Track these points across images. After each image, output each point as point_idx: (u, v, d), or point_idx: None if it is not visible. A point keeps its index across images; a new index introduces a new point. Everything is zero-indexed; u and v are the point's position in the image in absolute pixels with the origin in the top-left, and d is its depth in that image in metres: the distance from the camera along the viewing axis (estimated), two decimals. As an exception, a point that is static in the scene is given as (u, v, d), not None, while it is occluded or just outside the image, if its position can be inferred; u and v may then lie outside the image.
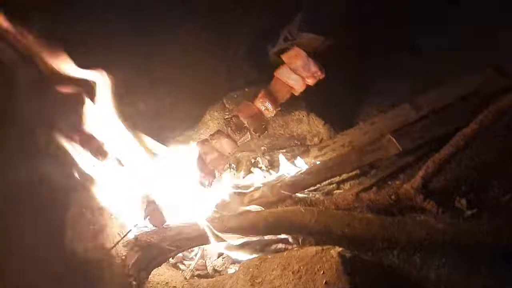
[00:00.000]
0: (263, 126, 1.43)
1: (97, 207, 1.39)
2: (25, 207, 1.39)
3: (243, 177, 1.54)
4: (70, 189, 1.45)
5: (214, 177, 1.37)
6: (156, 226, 1.33)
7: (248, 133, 1.41)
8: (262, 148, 1.63)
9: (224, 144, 1.39)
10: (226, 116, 1.54)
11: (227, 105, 1.65)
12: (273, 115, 1.43)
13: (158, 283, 1.28)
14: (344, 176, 1.48)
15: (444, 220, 1.19)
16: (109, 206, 1.35)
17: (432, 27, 1.79)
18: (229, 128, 1.41)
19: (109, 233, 1.35)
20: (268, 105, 1.42)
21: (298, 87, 1.44)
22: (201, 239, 1.26)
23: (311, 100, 1.61)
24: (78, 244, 1.31)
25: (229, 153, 1.40)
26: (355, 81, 1.74)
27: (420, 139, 1.46)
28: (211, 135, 1.42)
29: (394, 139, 1.44)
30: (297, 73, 1.42)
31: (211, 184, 1.36)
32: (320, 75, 1.42)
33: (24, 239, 1.31)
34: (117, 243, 1.35)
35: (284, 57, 1.44)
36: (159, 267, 1.31)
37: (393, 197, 1.29)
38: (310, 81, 1.43)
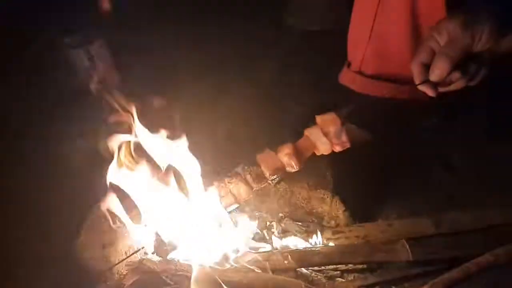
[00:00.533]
0: (281, 179, 1.45)
1: (115, 220, 1.47)
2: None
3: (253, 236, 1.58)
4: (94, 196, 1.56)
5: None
6: (160, 256, 1.38)
7: (265, 182, 1.44)
8: (280, 214, 1.68)
9: (241, 189, 1.42)
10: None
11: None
12: (294, 171, 1.45)
13: (145, 312, 1.30)
14: (350, 266, 1.49)
15: None
16: (126, 223, 1.41)
17: (471, 151, 1.87)
18: (249, 175, 1.43)
19: (117, 249, 1.41)
20: (293, 162, 1.42)
21: (324, 150, 1.45)
22: (198, 283, 1.29)
23: (338, 184, 1.68)
24: (88, 249, 1.38)
25: (244, 199, 1.43)
26: (383, 181, 1.80)
27: (433, 254, 1.47)
28: (228, 177, 1.45)
29: (408, 247, 1.46)
30: (327, 137, 1.44)
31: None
32: (347, 145, 1.45)
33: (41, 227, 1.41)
34: (121, 261, 1.40)
35: (319, 119, 1.47)
36: (151, 298, 1.33)
37: (393, 302, 1.29)
38: (337, 148, 1.46)
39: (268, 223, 1.65)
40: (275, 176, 1.43)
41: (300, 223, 1.66)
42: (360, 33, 1.74)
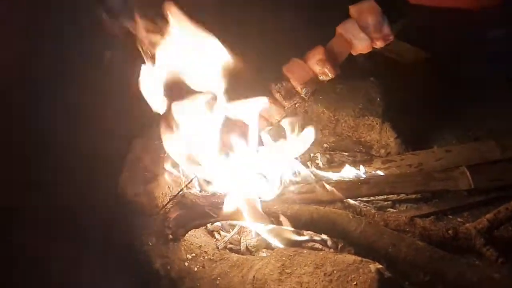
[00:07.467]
0: (315, 90, 1.25)
1: (155, 156, 1.46)
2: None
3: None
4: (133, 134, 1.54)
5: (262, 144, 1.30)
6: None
7: (297, 97, 1.26)
8: (325, 145, 1.59)
9: (272, 111, 1.28)
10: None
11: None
12: (329, 79, 1.25)
13: (192, 244, 1.31)
14: (403, 196, 1.40)
15: (501, 271, 1.08)
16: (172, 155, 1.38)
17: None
18: (278, 93, 1.26)
19: (160, 183, 1.40)
20: (327, 69, 1.21)
21: (362, 48, 1.22)
22: (243, 215, 1.27)
23: (388, 109, 1.53)
24: (131, 185, 1.39)
25: (277, 120, 1.30)
26: (440, 104, 1.63)
27: (497, 181, 1.34)
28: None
29: (468, 174, 1.33)
30: (365, 31, 1.20)
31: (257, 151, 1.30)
32: (390, 38, 1.22)
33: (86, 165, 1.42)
34: (168, 203, 1.38)
35: (353, 10, 1.21)
36: (197, 230, 1.34)
37: (450, 232, 1.20)
38: (379, 44, 1.23)
39: (312, 154, 1.57)
40: (307, 89, 1.24)
41: (346, 153, 1.56)
42: None
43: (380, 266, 1.02)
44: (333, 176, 1.44)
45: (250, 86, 1.33)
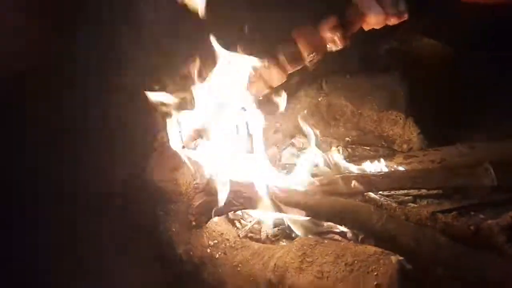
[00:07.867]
0: (318, 60, 1.22)
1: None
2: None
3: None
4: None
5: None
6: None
7: (301, 64, 1.23)
8: (347, 139, 1.60)
9: (273, 74, 1.23)
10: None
11: (324, 87, 1.63)
12: (337, 49, 1.22)
13: (214, 231, 1.34)
14: (424, 191, 1.40)
15: (524, 269, 1.08)
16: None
17: None
18: (283, 56, 1.21)
19: (184, 172, 1.44)
20: (337, 37, 1.19)
21: (375, 22, 1.20)
22: (264, 205, 1.30)
23: (412, 104, 1.52)
24: (157, 172, 1.43)
25: (276, 84, 1.26)
26: (464, 100, 1.61)
27: (522, 178, 1.32)
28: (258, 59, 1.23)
29: (492, 171, 1.32)
30: (381, 4, 1.18)
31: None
32: (405, 17, 1.19)
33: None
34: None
35: None
36: (219, 218, 1.37)
37: (472, 228, 1.19)
38: (392, 21, 1.20)
39: (333, 148, 1.58)
40: (313, 55, 1.20)
41: (368, 148, 1.57)
42: None
43: (401, 258, 1.03)
44: (355, 169, 1.45)
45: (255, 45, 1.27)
